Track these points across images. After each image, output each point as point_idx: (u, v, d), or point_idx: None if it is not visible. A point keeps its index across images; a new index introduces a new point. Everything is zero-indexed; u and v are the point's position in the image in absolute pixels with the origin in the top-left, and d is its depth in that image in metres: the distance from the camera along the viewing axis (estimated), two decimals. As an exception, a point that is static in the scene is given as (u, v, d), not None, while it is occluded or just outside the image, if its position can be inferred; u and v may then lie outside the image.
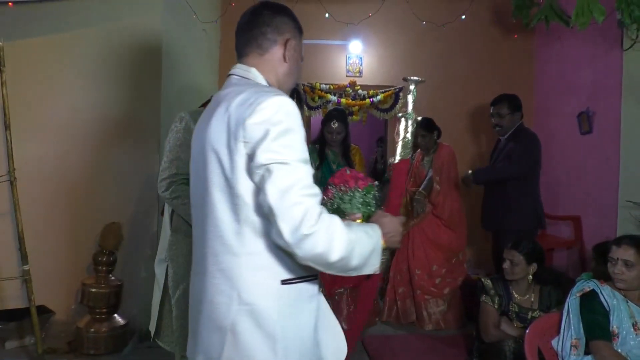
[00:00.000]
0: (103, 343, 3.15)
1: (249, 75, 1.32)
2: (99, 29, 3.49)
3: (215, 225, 1.21)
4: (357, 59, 5.19)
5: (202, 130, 1.29)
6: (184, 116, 2.13)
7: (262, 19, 1.34)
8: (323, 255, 1.12)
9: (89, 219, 3.43)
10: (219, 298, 1.20)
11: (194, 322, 1.30)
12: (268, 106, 1.13)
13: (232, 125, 1.16)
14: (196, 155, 1.31)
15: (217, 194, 1.20)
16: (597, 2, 3.08)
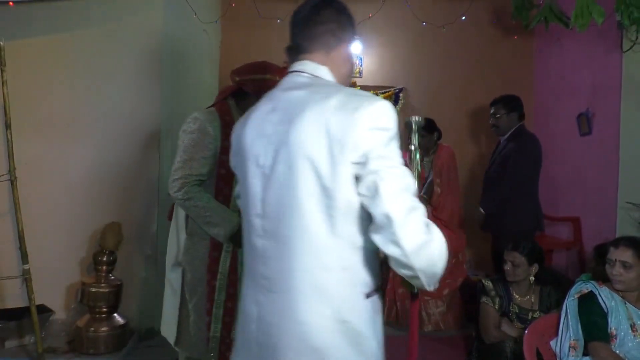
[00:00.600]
0: (103, 342, 3.15)
1: (320, 73, 1.24)
2: (100, 28, 3.50)
3: (308, 239, 1.11)
4: (357, 60, 5.19)
5: (274, 133, 1.17)
6: (199, 117, 2.07)
7: (328, 15, 1.25)
8: (437, 263, 1.09)
9: (89, 219, 3.43)
10: (313, 318, 1.12)
11: (267, 342, 1.17)
12: (376, 111, 1.08)
13: (335, 132, 1.07)
14: (259, 161, 1.19)
15: (310, 206, 1.10)
16: (596, 4, 3.09)
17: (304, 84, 1.21)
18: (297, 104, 1.15)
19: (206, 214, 2.00)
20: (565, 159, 4.41)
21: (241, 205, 1.32)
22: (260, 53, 5.03)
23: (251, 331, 1.20)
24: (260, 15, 4.77)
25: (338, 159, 1.07)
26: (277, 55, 5.21)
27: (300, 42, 1.26)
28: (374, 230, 1.08)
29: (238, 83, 2.15)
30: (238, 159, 1.29)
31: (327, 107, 1.10)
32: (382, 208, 1.04)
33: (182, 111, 3.94)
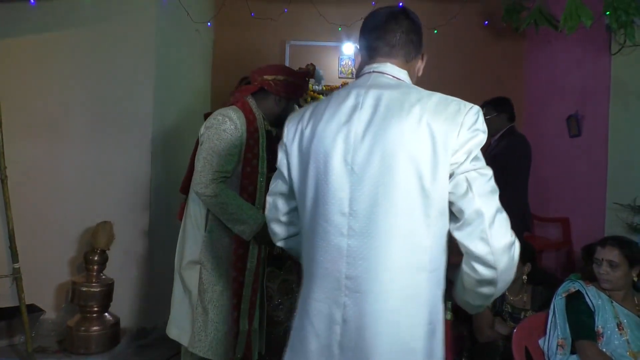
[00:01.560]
0: (94, 342, 3.14)
1: (402, 77, 1.26)
2: (92, 27, 3.49)
3: (403, 239, 1.11)
4: (350, 61, 5.21)
5: (365, 130, 1.15)
6: (225, 114, 2.10)
7: (410, 26, 1.30)
8: (514, 268, 1.12)
9: (81, 218, 3.43)
10: (407, 319, 1.12)
11: (355, 345, 1.13)
12: (475, 114, 1.13)
13: (438, 133, 1.10)
14: (347, 158, 1.16)
15: (408, 205, 1.11)
16: (585, 7, 3.13)
17: (390, 84, 1.21)
18: (392, 103, 1.15)
19: (233, 211, 2.02)
20: (555, 161, 4.46)
21: (306, 205, 1.23)
22: (253, 53, 5.05)
23: (332, 334, 1.15)
24: (253, 15, 4.78)
25: (440, 160, 1.10)
26: (269, 55, 5.27)
27: (381, 46, 1.27)
28: (459, 227, 1.11)
29: (260, 82, 2.20)
30: (304, 157, 1.22)
31: (426, 109, 1.12)
32: (473, 204, 1.08)
33: (175, 111, 3.95)
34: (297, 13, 4.97)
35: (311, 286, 1.21)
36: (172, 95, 3.86)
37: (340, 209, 1.15)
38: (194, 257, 2.16)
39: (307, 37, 5.13)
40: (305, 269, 1.25)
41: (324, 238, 1.18)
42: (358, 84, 1.24)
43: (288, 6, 4.84)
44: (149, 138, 3.49)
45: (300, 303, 1.26)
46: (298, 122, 1.28)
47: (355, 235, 1.14)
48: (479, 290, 1.17)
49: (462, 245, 1.12)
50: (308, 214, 1.22)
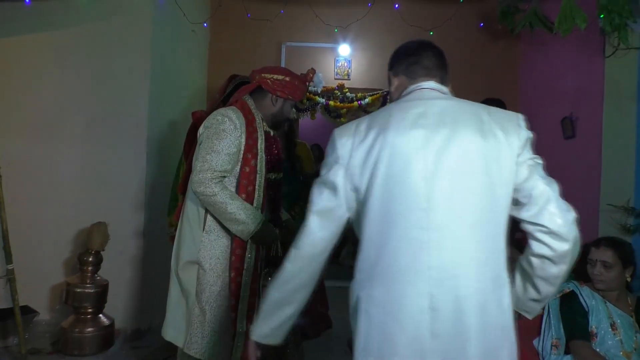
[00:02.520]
0: (88, 343, 3.13)
1: (447, 92, 1.43)
2: (88, 27, 3.48)
3: (481, 227, 1.25)
4: (346, 62, 5.22)
5: (434, 134, 1.27)
6: (224, 114, 2.11)
7: (439, 53, 1.49)
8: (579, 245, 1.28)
9: (75, 219, 3.41)
10: (496, 300, 1.24)
11: (448, 331, 1.22)
12: (524, 119, 1.34)
13: (505, 135, 1.28)
14: (420, 158, 1.26)
15: (485, 198, 1.25)
16: (580, 9, 3.14)
17: (445, 97, 1.39)
18: (458, 110, 1.32)
19: (232, 210, 2.02)
20: (549, 162, 4.44)
21: (371, 207, 1.29)
22: (248, 54, 5.06)
23: (423, 323, 1.22)
24: (249, 16, 4.78)
25: (507, 155, 1.27)
26: (265, 56, 5.27)
27: (419, 69, 1.45)
28: (528, 209, 1.27)
29: (258, 80, 2.22)
30: (369, 164, 1.30)
31: (491, 116, 1.31)
32: (539, 185, 1.27)
33: (170, 111, 3.95)
34: (293, 14, 4.97)
35: (386, 283, 1.26)
36: (168, 96, 3.85)
37: (420, 206, 1.24)
38: (191, 258, 2.14)
39: (303, 38, 5.14)
40: (370, 270, 1.29)
41: (401, 235, 1.25)
42: (415, 98, 1.38)
43: (284, 7, 4.84)
44: (145, 138, 3.49)
45: (363, 304, 1.28)
46: (353, 135, 1.35)
47: (435, 228, 1.23)
48: (550, 272, 1.29)
49: (534, 225, 1.27)
50: (376, 215, 1.28)
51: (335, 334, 3.85)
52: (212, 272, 2.12)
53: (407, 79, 1.46)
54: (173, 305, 2.21)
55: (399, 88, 1.48)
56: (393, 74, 1.51)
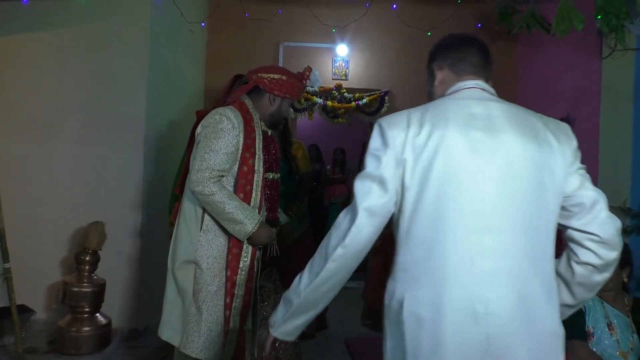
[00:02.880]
0: (85, 342, 3.13)
1: (494, 93, 1.42)
2: (85, 27, 3.48)
3: (537, 233, 1.25)
4: (343, 62, 5.23)
5: (488, 137, 1.26)
6: (223, 113, 2.11)
7: (486, 50, 1.46)
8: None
9: (73, 218, 3.41)
10: (549, 307, 1.25)
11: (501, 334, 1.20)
12: (571, 129, 1.36)
13: (560, 143, 1.29)
14: (476, 161, 1.24)
15: (540, 204, 1.25)
16: (577, 11, 3.16)
17: (497, 99, 1.38)
18: (515, 115, 1.32)
19: (229, 210, 2.03)
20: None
21: (424, 207, 1.25)
22: (246, 54, 5.06)
23: (479, 328, 1.20)
24: (247, 15, 4.79)
25: (560, 164, 1.28)
26: (263, 56, 5.27)
27: (467, 66, 1.42)
28: (580, 217, 1.29)
29: (255, 80, 2.23)
30: (424, 161, 1.25)
31: (546, 124, 1.32)
32: (590, 194, 1.28)
33: (168, 111, 3.94)
34: (291, 14, 4.98)
35: (436, 285, 1.22)
36: (166, 95, 3.85)
37: (476, 208, 1.23)
38: (188, 257, 2.13)
39: (301, 38, 5.14)
40: (417, 270, 1.25)
41: (456, 237, 1.22)
42: (468, 97, 1.35)
43: (282, 7, 4.84)
44: (142, 138, 3.49)
45: (410, 305, 1.24)
46: (406, 128, 1.29)
47: (494, 233, 1.22)
48: (593, 280, 1.32)
49: (584, 233, 1.28)
50: (427, 215, 1.24)
51: (333, 334, 3.85)
52: (209, 271, 2.12)
53: (453, 74, 1.42)
54: (169, 304, 2.20)
55: (443, 83, 1.44)
56: (437, 67, 1.47)
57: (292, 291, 1.34)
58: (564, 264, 1.34)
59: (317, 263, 1.31)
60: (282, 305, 1.37)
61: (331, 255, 1.28)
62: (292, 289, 1.35)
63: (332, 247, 1.28)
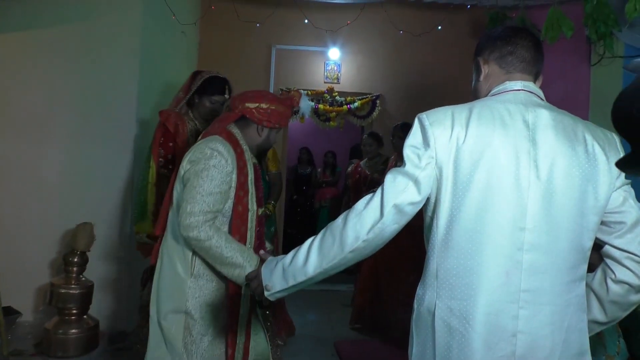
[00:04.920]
0: (72, 345, 3.09)
1: (542, 96, 1.35)
2: (77, 25, 3.45)
3: (577, 253, 1.22)
4: (335, 66, 5.25)
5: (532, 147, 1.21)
6: (215, 148, 1.90)
7: (538, 44, 1.38)
8: None
9: (61, 218, 3.38)
10: (578, 326, 1.24)
11: (532, 354, 1.20)
12: (620, 141, 1.28)
13: (608, 158, 1.23)
14: (520, 173, 1.20)
15: (583, 223, 1.22)
16: (566, 18, 3.20)
17: (546, 106, 1.30)
18: (563, 125, 1.25)
19: (228, 255, 1.85)
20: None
21: (462, 217, 1.21)
22: (238, 56, 5.06)
23: (509, 345, 1.19)
24: (239, 18, 4.79)
25: (607, 180, 1.23)
26: (255, 58, 5.27)
27: (517, 62, 1.35)
28: (620, 235, 1.25)
29: (242, 111, 2.03)
30: (466, 167, 1.20)
31: (594, 137, 1.25)
32: (634, 212, 1.24)
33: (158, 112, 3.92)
34: (283, 17, 4.99)
35: (472, 298, 1.20)
36: (156, 96, 3.84)
37: (518, 224, 1.19)
38: (177, 307, 1.92)
39: (293, 41, 5.16)
40: (451, 280, 1.22)
41: (496, 251, 1.20)
42: (516, 100, 1.28)
43: (275, 10, 4.85)
44: (132, 139, 3.47)
45: (442, 314, 1.22)
46: (451, 128, 1.23)
47: (533, 250, 1.19)
48: (628, 299, 1.29)
49: (623, 251, 1.25)
50: (467, 224, 1.20)
51: (323, 337, 3.85)
52: (204, 320, 1.93)
53: (501, 70, 1.34)
54: (153, 350, 1.99)
55: (488, 78, 1.37)
56: (483, 60, 1.38)
57: (297, 269, 1.28)
58: (598, 280, 1.30)
59: (330, 248, 1.24)
60: (283, 277, 1.30)
61: (351, 245, 1.22)
62: (295, 266, 1.28)
63: (352, 238, 1.22)
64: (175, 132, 2.65)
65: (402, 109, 5.09)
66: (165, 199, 2.06)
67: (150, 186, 2.66)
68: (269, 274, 1.33)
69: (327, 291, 5.05)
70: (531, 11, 3.97)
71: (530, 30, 1.42)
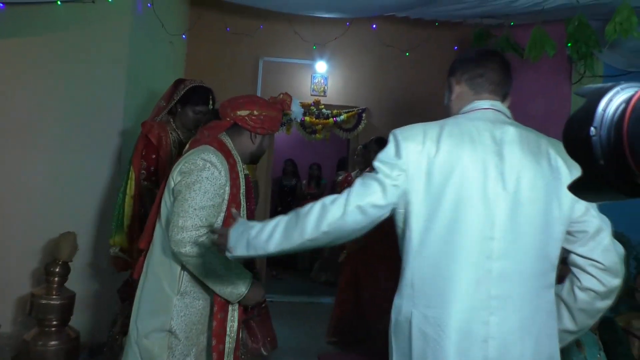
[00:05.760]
0: (51, 357, 3.02)
1: (509, 115, 1.41)
2: (64, 34, 3.44)
3: (543, 260, 1.28)
4: (322, 79, 5.29)
5: (500, 162, 1.27)
6: (214, 161, 1.83)
7: (507, 67, 1.44)
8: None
9: (44, 228, 3.32)
10: (547, 331, 1.29)
11: (501, 358, 1.25)
12: None
13: (569, 170, 1.28)
14: (488, 187, 1.26)
15: (548, 232, 1.27)
16: (549, 37, 3.28)
17: (512, 123, 1.37)
18: (528, 140, 1.31)
19: (221, 273, 1.79)
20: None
21: (435, 229, 1.27)
22: (226, 68, 5.07)
23: (480, 351, 1.24)
24: (228, 30, 4.81)
25: (567, 193, 1.28)
26: (243, 70, 5.29)
27: (486, 84, 1.41)
28: (583, 244, 1.30)
29: (234, 119, 1.97)
30: (437, 182, 1.27)
31: (557, 150, 1.31)
32: (595, 221, 1.29)
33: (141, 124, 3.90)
34: (272, 30, 5.03)
35: (445, 306, 1.25)
36: (143, 105, 3.82)
37: (487, 234, 1.25)
38: (160, 324, 1.84)
39: (281, 54, 5.19)
40: (425, 289, 1.28)
41: (466, 261, 1.25)
42: (484, 118, 1.35)
43: (264, 23, 4.89)
44: (118, 149, 3.45)
45: (418, 322, 1.27)
46: (422, 143, 1.29)
47: (502, 258, 1.25)
48: (595, 306, 1.33)
49: (587, 259, 1.30)
50: (439, 238, 1.27)
51: (306, 350, 3.83)
52: (187, 340, 1.85)
53: (470, 90, 1.42)
54: None
55: (459, 98, 1.45)
56: (455, 80, 1.46)
57: (260, 243, 1.35)
58: (567, 289, 1.36)
59: (292, 232, 1.31)
60: (246, 245, 1.37)
61: (310, 234, 1.29)
62: (259, 240, 1.35)
63: (312, 227, 1.28)
64: (159, 144, 2.59)
65: (388, 123, 5.14)
66: (152, 212, 1.98)
67: (128, 198, 2.61)
68: (235, 238, 1.40)
69: (311, 303, 5.05)
70: (515, 30, 4.06)
71: (501, 54, 1.49)
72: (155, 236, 1.92)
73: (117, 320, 2.74)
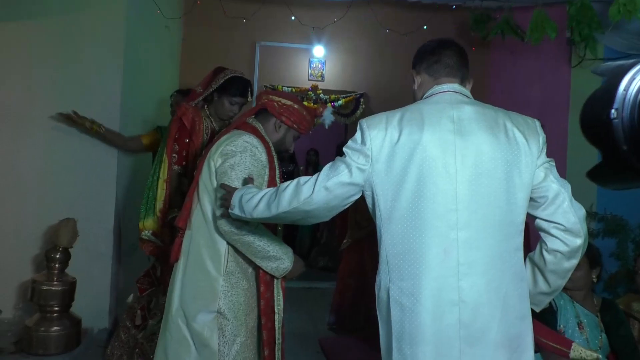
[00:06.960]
0: (53, 342, 3.04)
1: (470, 95, 1.51)
2: (59, 19, 3.38)
3: (507, 226, 1.37)
4: (320, 64, 5.26)
5: (460, 139, 1.37)
6: (250, 142, 1.88)
7: (461, 52, 1.55)
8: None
9: (44, 214, 3.31)
10: (516, 292, 1.38)
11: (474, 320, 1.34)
12: (540, 125, 1.46)
13: (527, 141, 1.38)
14: (448, 162, 1.36)
15: (509, 200, 1.36)
16: (550, 20, 3.26)
17: (470, 101, 1.47)
18: (485, 117, 1.41)
19: (268, 247, 1.83)
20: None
21: (400, 206, 1.37)
22: (222, 52, 5.02)
23: (453, 314, 1.34)
24: (225, 14, 4.75)
25: (529, 161, 1.38)
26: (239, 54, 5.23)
27: (456, 68, 1.52)
28: (545, 208, 1.39)
29: (265, 102, 2.02)
30: (400, 162, 1.37)
31: (514, 123, 1.40)
32: (554, 186, 1.39)
33: (142, 107, 3.88)
34: (269, 14, 4.97)
35: (417, 276, 1.36)
36: (140, 90, 3.79)
37: (450, 206, 1.35)
38: (210, 307, 1.86)
39: (278, 38, 5.15)
40: (399, 263, 1.38)
41: (433, 232, 1.35)
42: (442, 100, 1.45)
43: (261, 6, 4.83)
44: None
45: (395, 294, 1.37)
46: (385, 130, 1.41)
47: (466, 227, 1.35)
48: (562, 266, 1.43)
49: (549, 222, 1.39)
50: (405, 215, 1.37)
51: (308, 334, 3.86)
52: (236, 320, 1.87)
53: (430, 77, 1.54)
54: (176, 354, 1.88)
55: (421, 87, 1.56)
56: (415, 72, 1.59)
57: (249, 208, 1.54)
58: (537, 253, 1.46)
59: (272, 204, 1.48)
60: (240, 207, 1.57)
61: (284, 208, 1.45)
62: (249, 205, 1.54)
63: (286, 202, 1.45)
64: (192, 128, 2.53)
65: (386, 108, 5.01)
66: (190, 193, 1.98)
67: (161, 182, 2.55)
68: (237, 199, 1.60)
69: (309, 289, 5.07)
70: (515, 13, 4.03)
71: (454, 41, 1.59)
72: (194, 219, 1.92)
73: (134, 311, 2.73)
